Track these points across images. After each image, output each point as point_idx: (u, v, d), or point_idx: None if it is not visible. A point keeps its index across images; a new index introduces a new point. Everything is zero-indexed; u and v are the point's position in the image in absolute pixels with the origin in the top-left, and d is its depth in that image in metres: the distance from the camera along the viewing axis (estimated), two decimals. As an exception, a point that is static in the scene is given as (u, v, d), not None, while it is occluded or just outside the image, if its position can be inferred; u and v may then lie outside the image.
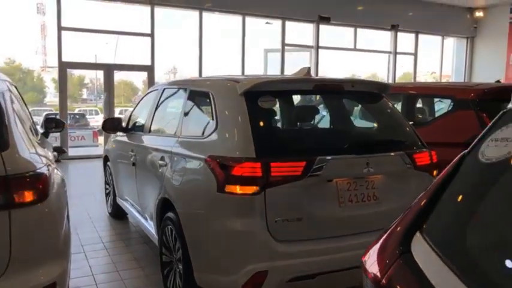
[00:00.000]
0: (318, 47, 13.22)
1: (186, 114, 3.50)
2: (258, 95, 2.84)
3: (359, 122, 4.32)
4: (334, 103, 3.94)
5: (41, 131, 3.70)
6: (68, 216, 2.58)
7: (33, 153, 2.21)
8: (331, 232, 2.79)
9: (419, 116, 5.53)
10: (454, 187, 1.36)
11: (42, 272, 1.97)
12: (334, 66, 15.31)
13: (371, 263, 1.37)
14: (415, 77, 15.00)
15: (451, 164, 1.43)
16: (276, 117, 3.40)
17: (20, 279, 1.90)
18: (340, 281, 2.79)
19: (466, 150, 1.42)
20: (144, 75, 12.14)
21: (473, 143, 1.40)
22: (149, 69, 11.71)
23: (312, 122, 4.07)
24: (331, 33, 13.41)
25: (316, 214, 2.73)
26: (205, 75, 8.18)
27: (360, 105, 4.26)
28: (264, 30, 13.38)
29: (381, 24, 13.83)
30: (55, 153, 3.62)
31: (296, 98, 4.52)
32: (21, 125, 2.35)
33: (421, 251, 1.22)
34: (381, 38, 14.50)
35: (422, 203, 1.38)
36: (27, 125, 2.82)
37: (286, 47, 12.89)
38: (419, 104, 5.84)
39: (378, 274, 1.29)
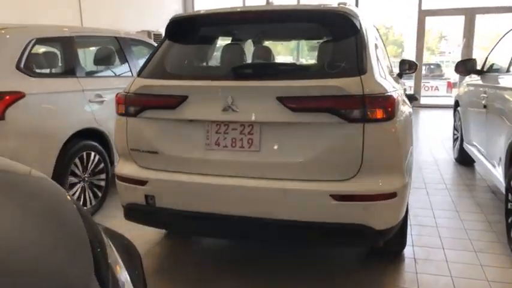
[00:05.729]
0: None
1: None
2: None
3: None
4: None
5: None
6: (411, 150, 2.76)
7: (385, 80, 2.49)
8: None
9: None
10: None
11: (385, 181, 2.27)
12: None
13: None
14: None
15: None
16: None
17: (367, 183, 2.24)
18: None
19: None
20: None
21: None
22: (518, 10, 10.34)
23: None
24: None
25: None
26: None
27: None
28: None
29: None
30: (404, 86, 3.87)
31: None
32: (377, 58, 2.66)
33: None
34: None
35: None
36: (385, 62, 3.15)
37: None
38: None
39: None
